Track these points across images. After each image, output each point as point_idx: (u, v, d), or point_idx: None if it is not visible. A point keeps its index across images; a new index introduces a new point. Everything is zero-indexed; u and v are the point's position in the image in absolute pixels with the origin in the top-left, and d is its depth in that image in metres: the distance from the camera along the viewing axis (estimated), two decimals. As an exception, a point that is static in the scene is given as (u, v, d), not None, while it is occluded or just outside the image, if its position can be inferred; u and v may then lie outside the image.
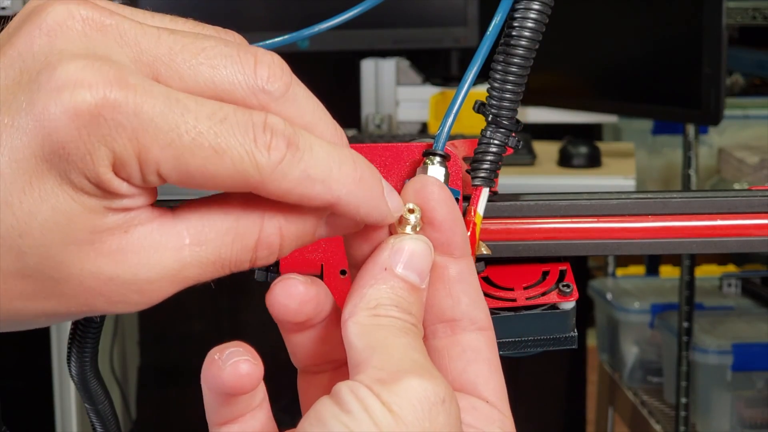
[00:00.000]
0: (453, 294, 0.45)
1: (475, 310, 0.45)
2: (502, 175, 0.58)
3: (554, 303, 0.57)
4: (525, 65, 0.55)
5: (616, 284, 2.75)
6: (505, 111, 0.56)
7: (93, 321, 0.66)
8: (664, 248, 0.58)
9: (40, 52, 0.37)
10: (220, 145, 0.38)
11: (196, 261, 0.40)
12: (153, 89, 0.37)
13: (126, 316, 2.62)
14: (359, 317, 0.42)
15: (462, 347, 0.45)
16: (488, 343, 0.45)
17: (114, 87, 0.36)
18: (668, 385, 2.48)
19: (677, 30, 1.87)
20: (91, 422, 0.69)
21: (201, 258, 0.40)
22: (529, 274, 0.58)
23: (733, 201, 0.58)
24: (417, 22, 2.19)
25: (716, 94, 1.80)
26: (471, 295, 0.45)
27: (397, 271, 0.43)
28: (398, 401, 0.39)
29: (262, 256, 0.41)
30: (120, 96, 0.36)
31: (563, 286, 0.57)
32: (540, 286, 0.58)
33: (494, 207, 0.58)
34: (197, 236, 0.40)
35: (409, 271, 0.43)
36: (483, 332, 0.45)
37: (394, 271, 0.43)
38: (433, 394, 0.39)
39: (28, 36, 0.38)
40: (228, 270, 0.41)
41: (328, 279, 0.56)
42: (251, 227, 0.40)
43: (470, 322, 0.45)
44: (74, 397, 2.00)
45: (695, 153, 2.21)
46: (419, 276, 0.43)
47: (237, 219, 0.40)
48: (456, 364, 0.45)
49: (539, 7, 0.55)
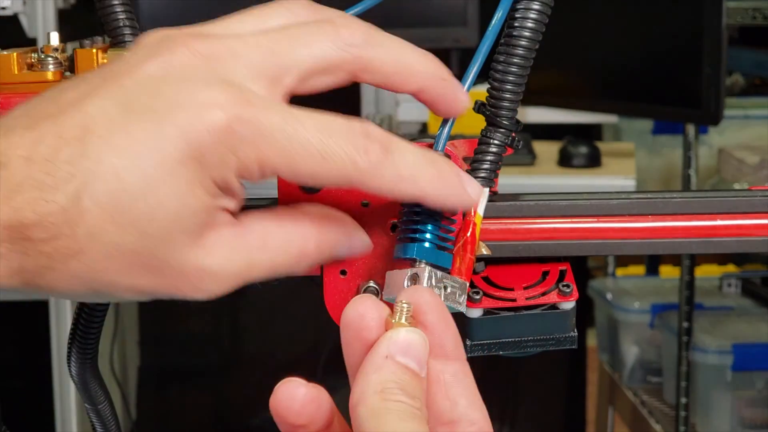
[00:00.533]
0: (450, 396, 0.46)
1: (473, 412, 0.46)
2: (502, 175, 0.57)
3: (554, 303, 0.57)
4: (525, 65, 0.55)
5: (616, 284, 2.75)
6: (505, 111, 0.56)
7: (94, 321, 0.66)
8: (664, 248, 0.58)
9: (176, 75, 0.46)
10: (326, 151, 0.45)
11: (258, 263, 0.48)
12: (271, 107, 0.46)
13: (126, 316, 2.62)
14: (368, 402, 0.44)
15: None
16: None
17: (241, 107, 0.45)
18: (668, 385, 2.48)
19: (677, 30, 1.87)
20: (91, 422, 0.69)
21: (262, 261, 0.48)
22: (529, 274, 0.58)
23: (733, 201, 0.58)
24: (417, 22, 2.19)
25: (716, 94, 1.80)
26: (468, 397, 0.46)
27: (398, 359, 0.45)
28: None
29: (304, 265, 0.49)
30: (245, 114, 0.45)
31: (563, 286, 0.57)
32: (540, 286, 0.58)
33: (494, 207, 0.58)
34: (262, 242, 0.48)
35: (409, 359, 0.45)
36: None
37: (395, 359, 0.45)
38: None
39: (159, 65, 0.46)
40: (277, 274, 0.48)
41: (328, 279, 0.56)
42: (299, 241, 0.49)
43: (469, 424, 0.46)
44: (74, 397, 1.99)
45: (695, 153, 2.21)
46: (418, 364, 0.45)
47: (288, 233, 0.49)
48: None
49: (539, 6, 0.55)
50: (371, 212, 0.56)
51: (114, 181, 0.45)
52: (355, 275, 0.56)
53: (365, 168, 0.46)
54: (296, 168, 0.46)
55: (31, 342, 2.22)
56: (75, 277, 0.46)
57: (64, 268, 0.46)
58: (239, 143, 0.45)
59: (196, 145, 0.45)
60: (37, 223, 0.45)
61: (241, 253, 0.47)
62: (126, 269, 0.46)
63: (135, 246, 0.45)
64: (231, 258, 0.47)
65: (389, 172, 0.47)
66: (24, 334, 2.28)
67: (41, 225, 0.45)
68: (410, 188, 0.48)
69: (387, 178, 0.47)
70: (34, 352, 2.18)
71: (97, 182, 0.45)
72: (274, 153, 0.45)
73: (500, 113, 0.56)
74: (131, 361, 2.71)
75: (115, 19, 0.61)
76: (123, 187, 0.45)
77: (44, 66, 0.59)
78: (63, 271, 0.46)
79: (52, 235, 0.45)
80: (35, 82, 0.58)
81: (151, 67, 0.46)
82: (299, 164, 0.46)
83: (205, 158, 0.45)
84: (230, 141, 0.45)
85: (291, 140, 0.45)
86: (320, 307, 0.56)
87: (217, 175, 0.45)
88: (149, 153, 0.45)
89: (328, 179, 0.47)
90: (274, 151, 0.45)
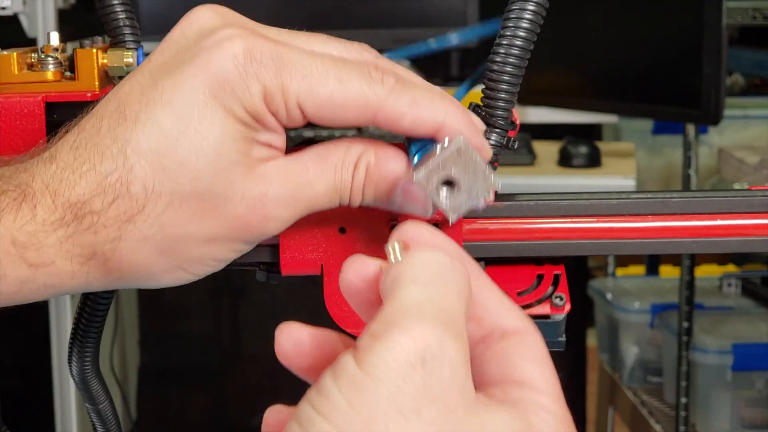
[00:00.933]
0: (472, 316, 0.42)
1: (501, 320, 0.42)
2: (502, 175, 0.58)
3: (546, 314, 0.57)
4: (520, 65, 0.55)
5: (616, 284, 2.75)
6: (500, 111, 0.56)
7: (94, 321, 0.66)
8: (664, 248, 0.58)
9: (196, 32, 0.50)
10: (343, 76, 0.48)
11: (317, 184, 0.50)
12: (288, 42, 0.49)
13: (126, 316, 2.62)
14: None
15: (494, 353, 0.42)
16: (523, 341, 0.42)
17: (259, 39, 0.48)
18: (668, 385, 2.48)
19: (677, 30, 1.87)
20: (92, 422, 0.69)
21: (321, 183, 0.50)
22: (524, 278, 0.58)
23: (733, 201, 0.58)
24: (417, 22, 2.19)
25: (716, 94, 1.80)
26: (493, 310, 0.42)
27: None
28: (373, 365, 0.36)
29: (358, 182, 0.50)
30: (264, 44, 0.48)
31: (556, 297, 0.57)
32: (534, 293, 0.58)
33: (494, 207, 0.58)
34: (316, 168, 0.50)
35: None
36: (516, 337, 0.42)
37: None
38: (411, 353, 0.36)
39: (187, 26, 0.50)
40: (337, 197, 0.50)
41: (328, 279, 0.56)
42: (352, 161, 0.50)
43: (500, 333, 0.42)
44: (74, 397, 1.99)
45: (695, 153, 2.20)
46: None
47: (345, 151, 0.50)
48: (492, 367, 0.42)
49: (534, 7, 0.55)
50: (371, 212, 0.56)
51: (152, 130, 0.48)
52: (355, 275, 0.56)
53: (382, 92, 0.48)
54: (316, 94, 0.48)
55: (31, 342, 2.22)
56: (144, 239, 0.48)
57: (132, 233, 0.48)
58: (260, 68, 0.48)
59: (221, 75, 0.48)
60: (94, 192, 0.48)
61: (297, 177, 0.50)
62: (190, 216, 0.48)
63: (191, 188, 0.48)
64: (287, 183, 0.49)
65: (406, 96, 0.49)
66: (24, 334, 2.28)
67: (98, 193, 0.48)
68: (429, 115, 0.49)
69: (405, 101, 0.49)
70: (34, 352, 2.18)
71: (137, 137, 0.48)
72: (294, 78, 0.48)
73: (495, 113, 0.56)
74: (131, 361, 2.71)
75: (115, 19, 0.61)
76: (162, 133, 0.48)
77: (44, 66, 0.59)
78: (132, 237, 0.48)
79: (111, 199, 0.48)
80: (35, 82, 0.58)
81: (174, 32, 0.50)
82: (319, 89, 0.48)
83: (230, 86, 0.48)
84: (252, 67, 0.48)
85: (309, 66, 0.48)
86: (320, 307, 0.56)
87: (247, 101, 0.48)
88: (180, 95, 0.48)
89: (349, 107, 0.48)
90: (295, 77, 0.48)
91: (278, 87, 0.48)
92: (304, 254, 0.56)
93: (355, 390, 0.36)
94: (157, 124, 0.48)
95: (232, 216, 0.49)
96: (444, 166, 0.48)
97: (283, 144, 0.50)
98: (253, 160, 0.49)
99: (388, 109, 0.49)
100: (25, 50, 0.60)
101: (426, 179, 0.48)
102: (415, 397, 0.36)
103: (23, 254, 0.48)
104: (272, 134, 0.50)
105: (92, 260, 0.49)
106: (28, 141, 0.57)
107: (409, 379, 0.36)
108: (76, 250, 0.48)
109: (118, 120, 0.49)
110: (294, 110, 0.49)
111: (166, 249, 0.49)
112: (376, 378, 0.36)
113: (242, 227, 0.49)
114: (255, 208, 0.49)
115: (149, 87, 0.49)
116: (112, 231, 0.48)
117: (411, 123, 0.49)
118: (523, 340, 0.42)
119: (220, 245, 0.50)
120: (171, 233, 0.48)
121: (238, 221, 0.49)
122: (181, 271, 0.50)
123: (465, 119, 0.50)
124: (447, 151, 0.48)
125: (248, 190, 0.49)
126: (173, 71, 0.49)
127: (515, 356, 0.41)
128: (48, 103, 0.57)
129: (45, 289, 0.50)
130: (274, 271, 0.58)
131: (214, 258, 0.50)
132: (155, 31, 0.51)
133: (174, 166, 0.48)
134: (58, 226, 0.48)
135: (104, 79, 0.59)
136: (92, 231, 0.48)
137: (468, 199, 0.48)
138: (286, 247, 0.56)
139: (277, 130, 0.50)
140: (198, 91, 0.48)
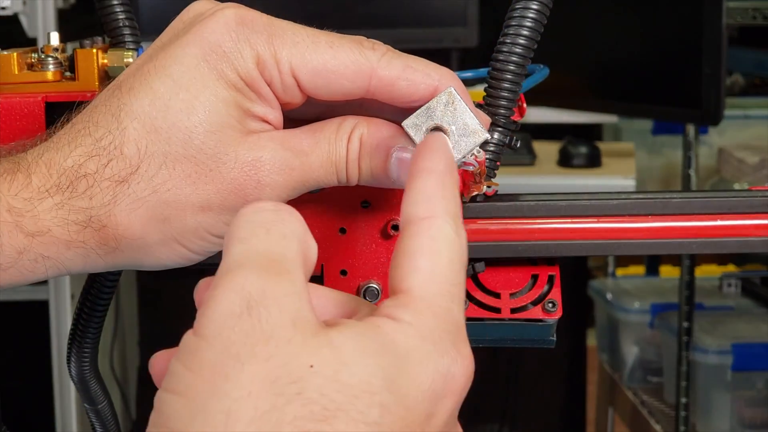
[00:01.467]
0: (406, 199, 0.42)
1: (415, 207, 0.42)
2: (501, 175, 0.58)
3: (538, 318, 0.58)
4: (522, 64, 0.55)
5: (616, 284, 2.75)
6: (503, 110, 0.56)
7: (93, 321, 0.66)
8: (664, 248, 0.58)
9: (192, 17, 0.51)
10: (334, 43, 0.49)
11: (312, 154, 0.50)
12: (280, 20, 0.50)
13: (126, 316, 2.62)
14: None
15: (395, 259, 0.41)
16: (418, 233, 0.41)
17: (252, 11, 0.49)
18: (668, 385, 2.48)
19: (677, 30, 1.87)
20: (91, 422, 0.69)
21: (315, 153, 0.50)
22: (518, 278, 0.58)
23: (733, 201, 0.58)
24: (417, 22, 2.19)
25: (716, 94, 1.80)
26: (410, 195, 0.42)
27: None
28: (204, 326, 0.38)
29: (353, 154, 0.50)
30: (256, 14, 0.49)
31: (548, 303, 0.57)
32: (527, 295, 0.58)
33: (494, 207, 0.58)
34: (309, 139, 0.50)
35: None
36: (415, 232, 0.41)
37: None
38: (235, 304, 0.37)
39: (184, 14, 0.52)
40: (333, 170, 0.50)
41: (328, 279, 0.56)
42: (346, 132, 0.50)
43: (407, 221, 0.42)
44: (74, 397, 1.99)
45: (695, 153, 2.20)
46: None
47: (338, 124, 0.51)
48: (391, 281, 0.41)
49: (537, 6, 0.55)
50: (371, 212, 0.56)
51: (146, 94, 0.49)
52: (355, 275, 0.56)
53: (374, 57, 0.49)
54: (309, 59, 0.49)
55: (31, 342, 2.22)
56: (139, 202, 0.48)
57: (126, 195, 0.48)
58: (252, 33, 0.49)
59: (213, 39, 0.49)
60: (88, 155, 0.49)
61: (294, 148, 0.50)
62: (184, 179, 0.48)
63: (183, 149, 0.48)
64: (283, 151, 0.49)
65: (398, 61, 0.49)
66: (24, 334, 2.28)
67: (93, 156, 0.48)
68: (423, 78, 0.49)
69: (398, 65, 0.49)
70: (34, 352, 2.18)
71: (131, 101, 0.49)
72: (286, 45, 0.49)
73: (498, 112, 0.56)
74: (131, 361, 2.71)
75: (114, 19, 0.61)
76: (155, 96, 0.48)
77: (44, 66, 0.59)
78: (126, 199, 0.48)
79: (105, 161, 0.48)
80: (35, 82, 0.58)
81: (173, 22, 0.52)
82: (312, 55, 0.49)
83: (222, 50, 0.49)
84: (244, 32, 0.49)
85: (300, 34, 0.49)
86: (320, 307, 0.56)
87: (240, 66, 0.49)
88: (174, 61, 0.49)
89: (342, 72, 0.49)
90: (287, 43, 0.49)
91: (271, 54, 0.49)
92: (303, 254, 0.56)
93: (192, 355, 0.37)
94: (151, 88, 0.49)
95: (227, 180, 0.49)
96: (431, 114, 0.48)
97: (279, 121, 0.51)
98: (247, 129, 0.49)
99: (382, 73, 0.49)
100: (25, 50, 0.60)
101: (413, 127, 0.48)
102: (247, 342, 0.36)
103: (19, 222, 0.48)
104: (267, 107, 0.50)
105: (88, 228, 0.49)
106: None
107: (238, 327, 0.37)
108: (72, 217, 0.49)
109: (113, 93, 0.50)
110: (288, 78, 0.49)
111: (161, 215, 0.49)
112: (209, 337, 0.37)
113: (237, 192, 0.49)
114: (249, 172, 0.49)
115: (145, 62, 0.50)
116: (106, 194, 0.49)
117: (406, 86, 0.49)
118: (422, 231, 0.41)
119: (215, 214, 0.49)
120: (164, 197, 0.49)
121: (233, 185, 0.49)
122: (177, 245, 0.50)
123: (460, 84, 0.50)
124: (435, 100, 0.48)
125: (242, 155, 0.49)
126: (168, 45, 0.50)
127: (403, 255, 0.40)
128: (48, 103, 0.57)
129: (43, 261, 0.49)
130: (274, 271, 0.58)
131: (209, 230, 0.50)
132: (155, 31, 0.51)
133: (166, 127, 0.48)
134: (54, 192, 0.49)
135: (104, 79, 0.59)
136: (87, 195, 0.48)
137: (456, 151, 0.48)
138: (286, 247, 0.56)
139: (272, 102, 0.50)
140: (190, 56, 0.49)
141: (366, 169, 0.51)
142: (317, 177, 0.50)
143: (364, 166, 0.51)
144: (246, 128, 0.49)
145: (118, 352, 2.51)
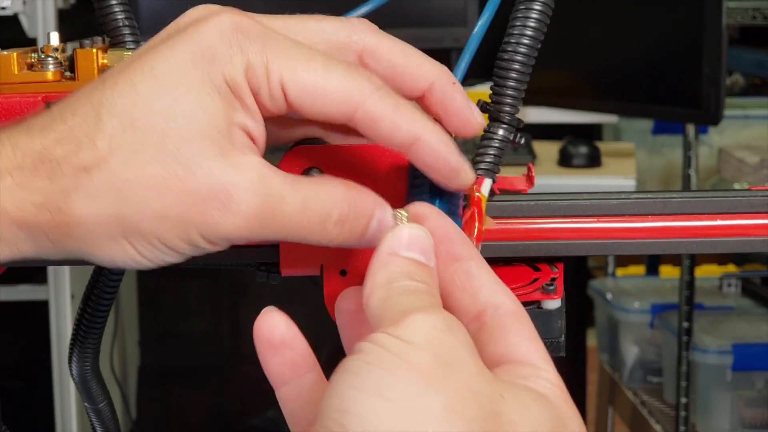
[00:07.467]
0: (469, 291, 0.46)
1: (495, 297, 0.46)
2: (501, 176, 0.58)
3: (538, 301, 0.57)
4: (527, 62, 0.55)
5: (616, 284, 2.75)
6: (508, 108, 0.56)
7: (96, 321, 0.66)
8: (664, 248, 0.58)
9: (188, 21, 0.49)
10: (329, 66, 0.48)
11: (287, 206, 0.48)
12: (280, 28, 0.49)
13: (126, 316, 2.62)
14: (376, 294, 0.45)
15: (490, 331, 0.46)
16: (517, 319, 0.46)
17: (250, 19, 0.48)
18: (668, 385, 2.48)
19: (677, 30, 1.87)
20: (91, 422, 0.69)
21: (291, 205, 0.48)
22: (521, 277, 0.58)
23: (733, 201, 0.58)
24: (417, 22, 2.19)
25: (716, 94, 1.80)
26: (487, 287, 0.46)
27: (402, 254, 0.46)
28: (407, 332, 0.41)
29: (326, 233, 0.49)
30: (254, 23, 0.48)
31: (547, 284, 0.57)
32: (528, 287, 0.58)
33: (494, 207, 0.58)
34: (291, 184, 0.48)
35: (414, 252, 0.46)
36: (510, 314, 0.46)
37: (399, 254, 0.46)
38: (439, 322, 0.42)
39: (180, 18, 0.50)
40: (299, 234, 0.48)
41: (328, 279, 0.56)
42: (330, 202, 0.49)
43: (493, 308, 0.46)
44: (74, 397, 1.99)
45: (695, 153, 2.20)
46: (424, 255, 0.46)
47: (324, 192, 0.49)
48: (491, 347, 0.45)
49: (541, 6, 0.55)
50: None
51: (129, 92, 0.47)
52: (355, 275, 0.56)
53: (367, 89, 0.48)
54: (300, 75, 0.47)
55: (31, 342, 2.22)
56: (98, 192, 0.47)
57: (87, 185, 0.47)
58: (246, 40, 0.48)
59: (205, 43, 0.47)
60: (58, 140, 0.47)
61: (272, 184, 0.47)
62: (148, 181, 0.47)
63: (155, 152, 0.47)
64: (260, 183, 0.47)
65: (390, 99, 0.48)
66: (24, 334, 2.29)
67: (63, 142, 0.47)
68: (409, 126, 0.48)
69: (388, 104, 0.48)
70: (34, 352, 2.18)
71: (113, 97, 0.48)
72: (280, 56, 0.48)
73: (503, 109, 0.56)
74: (131, 361, 2.71)
75: (113, 19, 0.61)
76: (137, 95, 0.47)
77: (44, 66, 0.59)
78: (86, 189, 0.47)
79: (74, 147, 0.47)
80: (35, 82, 0.58)
81: (169, 25, 0.51)
82: (304, 72, 0.48)
83: (213, 53, 0.47)
84: (238, 38, 0.48)
85: (295, 47, 0.48)
86: (320, 307, 0.56)
87: (227, 71, 0.47)
88: (161, 62, 0.48)
89: (330, 95, 0.48)
90: (280, 54, 0.48)
91: (262, 62, 0.47)
92: (304, 254, 0.56)
93: (398, 359, 0.41)
94: (134, 87, 0.48)
95: (192, 192, 0.47)
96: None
97: (262, 136, 0.49)
98: (227, 140, 0.48)
99: (370, 107, 0.48)
100: (25, 50, 0.60)
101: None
102: (453, 354, 0.41)
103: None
104: (249, 118, 0.48)
105: (43, 210, 0.48)
106: (27, 141, 0.56)
107: (443, 340, 0.42)
108: (30, 197, 0.47)
109: (97, 86, 0.49)
110: (276, 90, 0.48)
111: (116, 212, 0.47)
112: (419, 344, 0.41)
113: (197, 209, 0.47)
114: (219, 193, 0.47)
115: (134, 60, 0.49)
116: (68, 180, 0.47)
117: (389, 128, 0.48)
118: (517, 318, 0.46)
119: (170, 226, 0.48)
120: (125, 195, 0.47)
121: (196, 199, 0.47)
122: (128, 245, 0.48)
123: (443, 138, 0.49)
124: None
125: (216, 173, 0.47)
126: (159, 44, 0.49)
127: (511, 335, 0.45)
128: (48, 103, 0.57)
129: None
130: (274, 271, 0.58)
131: (159, 238, 0.48)
132: (154, 31, 0.51)
133: (143, 127, 0.47)
134: (14, 170, 0.48)
135: (104, 79, 0.59)
136: (48, 178, 0.47)
137: None
138: (286, 247, 0.56)
139: (256, 114, 0.48)
140: (179, 59, 0.48)
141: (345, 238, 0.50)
142: (289, 230, 0.48)
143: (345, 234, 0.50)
144: (227, 139, 0.47)
145: (118, 352, 2.51)
